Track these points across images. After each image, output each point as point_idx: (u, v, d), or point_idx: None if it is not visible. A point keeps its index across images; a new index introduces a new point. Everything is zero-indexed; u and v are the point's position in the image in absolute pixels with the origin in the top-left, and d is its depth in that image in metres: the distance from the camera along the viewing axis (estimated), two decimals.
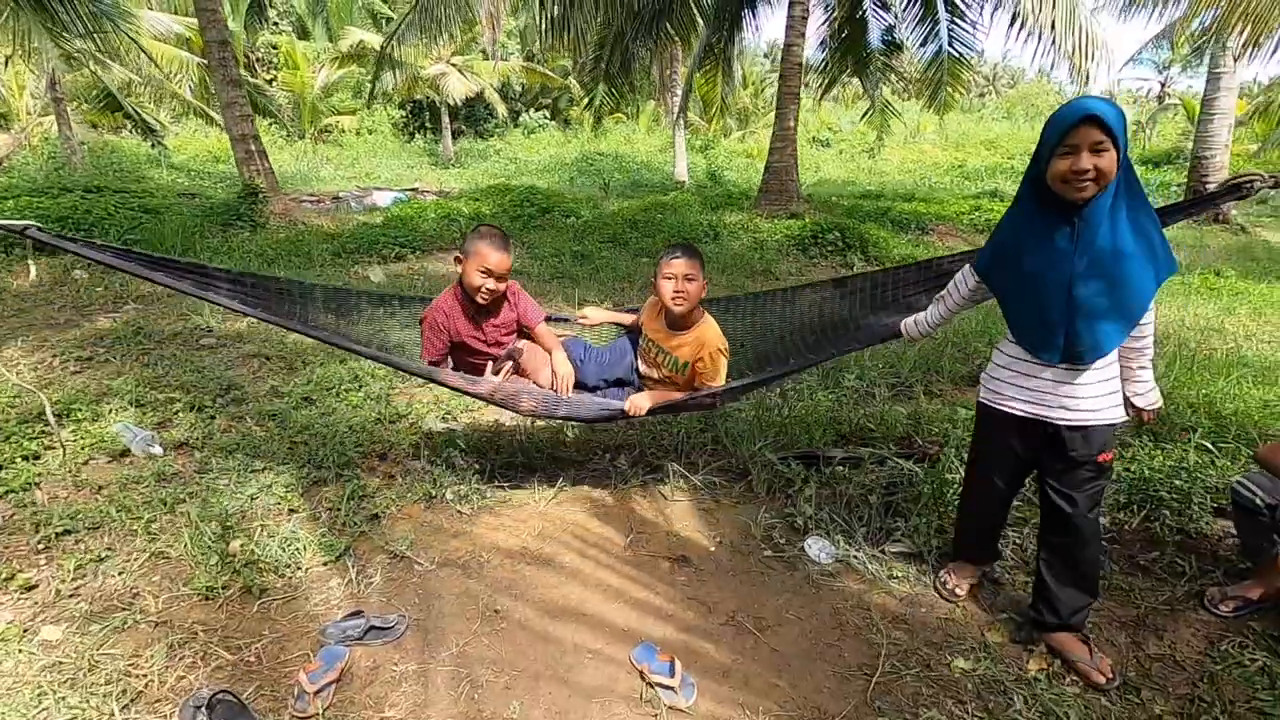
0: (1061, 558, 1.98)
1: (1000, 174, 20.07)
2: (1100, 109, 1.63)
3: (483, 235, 2.52)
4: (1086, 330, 1.76)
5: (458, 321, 2.61)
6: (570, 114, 29.75)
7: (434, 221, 8.76)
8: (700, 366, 2.58)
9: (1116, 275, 1.71)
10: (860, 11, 10.52)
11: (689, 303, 2.52)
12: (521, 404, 2.58)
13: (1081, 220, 1.71)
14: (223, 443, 3.10)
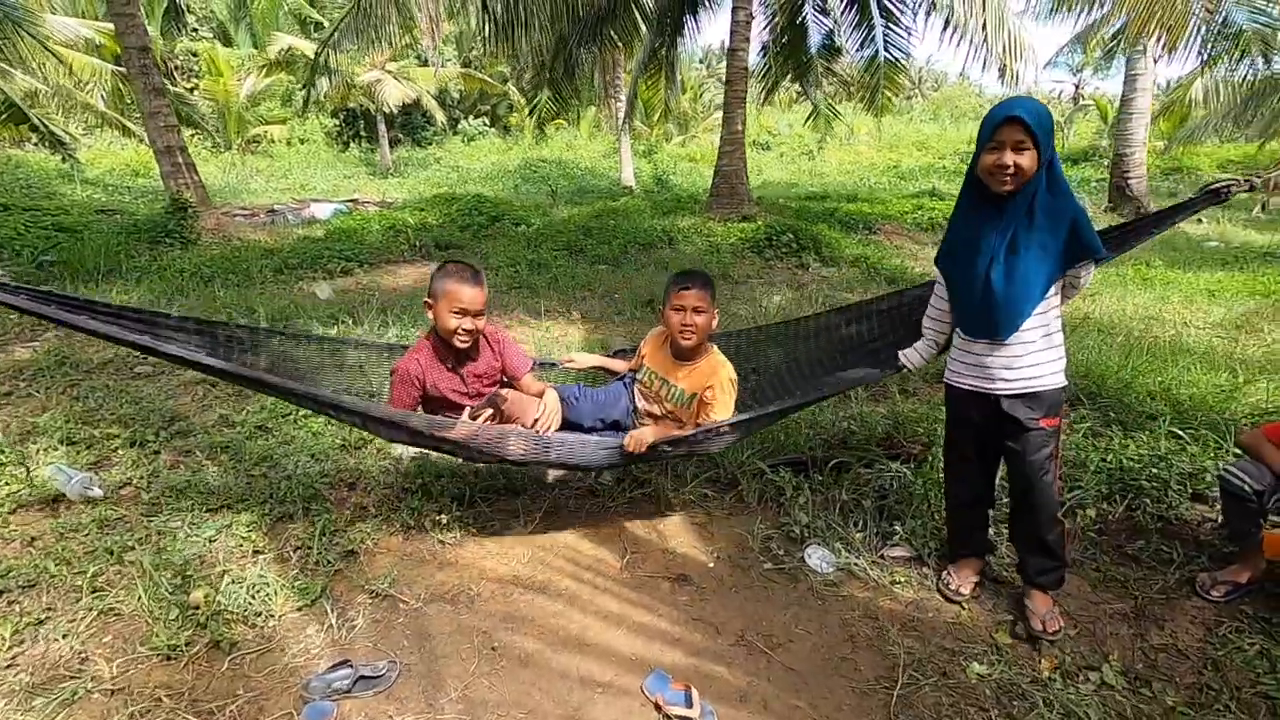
0: (1023, 524, 2.13)
1: (934, 174, 20.76)
2: (1024, 111, 1.79)
3: (450, 272, 2.27)
4: (998, 311, 1.93)
5: (433, 372, 2.35)
6: (510, 121, 29.42)
7: (379, 233, 8.44)
8: (707, 397, 2.41)
9: (1022, 262, 1.89)
10: (801, 17, 10.69)
11: (698, 336, 2.39)
12: (509, 448, 2.26)
13: (1004, 212, 1.90)
14: (171, 481, 2.85)
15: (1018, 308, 1.91)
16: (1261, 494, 2.06)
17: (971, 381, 2.07)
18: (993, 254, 1.91)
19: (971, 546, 2.32)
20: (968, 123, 37.01)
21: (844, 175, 20.49)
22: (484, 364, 2.44)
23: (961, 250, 2.01)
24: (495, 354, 2.47)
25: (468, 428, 2.23)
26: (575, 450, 2.34)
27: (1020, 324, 1.93)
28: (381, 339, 4.42)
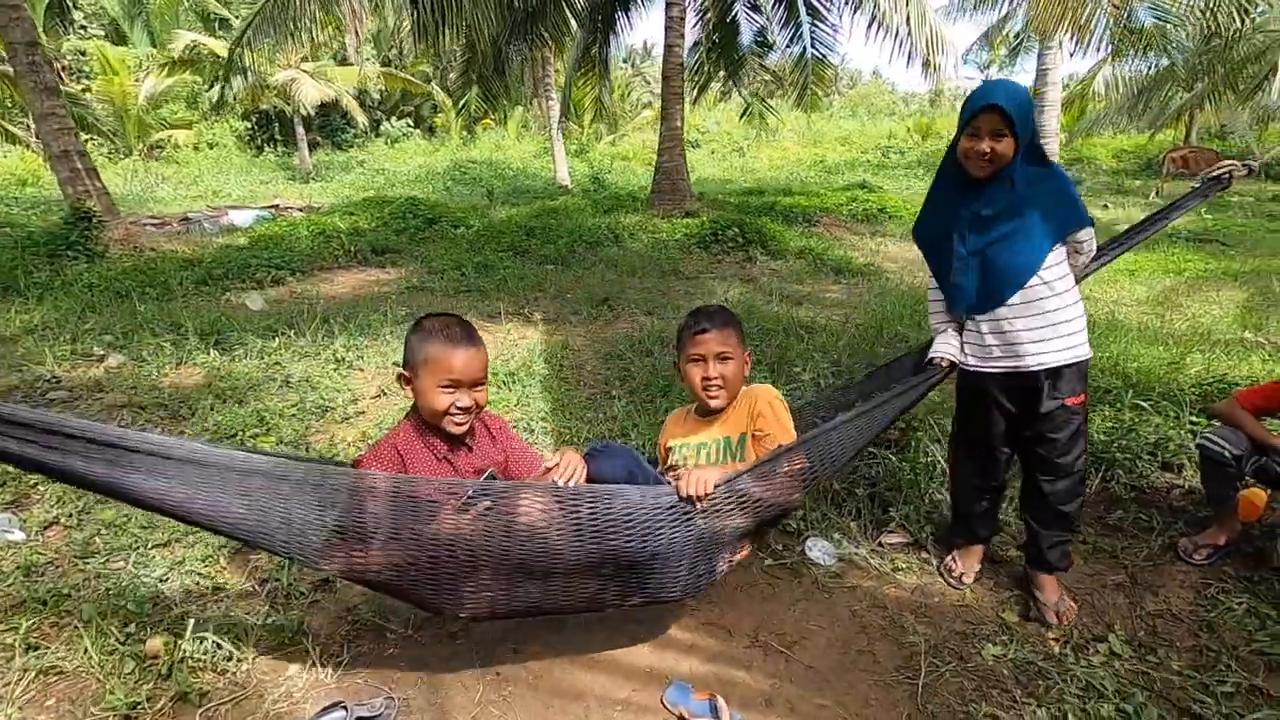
0: (1043, 502, 2.08)
1: (859, 167, 21.48)
2: (1002, 99, 1.81)
3: (432, 332, 1.68)
4: (984, 282, 1.97)
5: (419, 463, 1.70)
6: (436, 122, 28.63)
7: (309, 240, 8.02)
8: (761, 425, 1.89)
9: (1007, 230, 1.91)
10: (732, 14, 10.80)
11: (729, 391, 1.93)
12: (522, 516, 1.56)
13: (982, 194, 1.93)
14: (106, 516, 2.56)
15: (1010, 276, 1.92)
16: (1240, 459, 2.14)
17: (990, 364, 2.02)
18: (974, 227, 1.95)
19: (979, 534, 2.30)
20: (883, 119, 38.50)
21: (775, 171, 20.91)
22: (484, 455, 1.81)
23: (937, 225, 2.07)
24: (497, 445, 1.86)
25: (473, 506, 1.52)
26: (618, 504, 1.59)
27: (1013, 291, 1.92)
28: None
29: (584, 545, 1.57)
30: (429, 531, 1.52)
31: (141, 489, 1.41)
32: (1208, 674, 1.85)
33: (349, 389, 3.88)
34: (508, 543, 1.54)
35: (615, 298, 5.75)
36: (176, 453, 1.44)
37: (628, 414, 3.42)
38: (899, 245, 8.83)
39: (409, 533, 1.51)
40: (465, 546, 1.54)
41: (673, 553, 1.65)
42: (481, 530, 1.53)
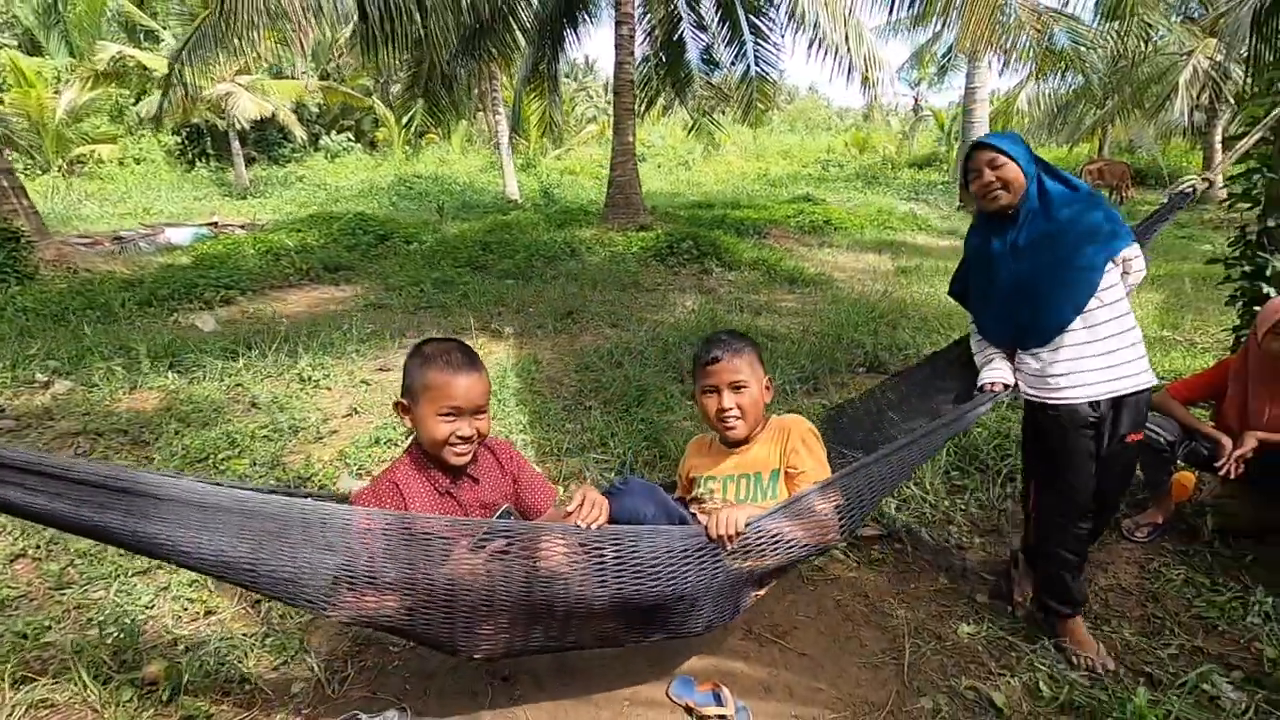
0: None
1: (801, 180, 22.11)
2: (986, 139, 1.95)
3: (430, 357, 1.60)
4: (1033, 314, 1.92)
5: (420, 498, 1.62)
6: (378, 136, 28.16)
7: (256, 258, 7.83)
8: (795, 461, 1.80)
9: (1047, 263, 1.88)
10: (679, 33, 11.08)
11: (747, 421, 1.83)
12: (543, 559, 1.47)
13: (1013, 224, 1.95)
14: (80, 546, 2.48)
15: (1060, 301, 1.87)
16: (1173, 444, 2.38)
17: (1080, 392, 1.90)
18: (1015, 257, 1.92)
19: (1080, 597, 2.05)
20: (820, 133, 39.77)
21: (721, 184, 21.34)
22: (490, 488, 1.72)
23: (976, 270, 2.07)
24: (505, 474, 1.77)
25: (488, 540, 1.46)
26: (644, 546, 1.53)
27: (1068, 318, 1.87)
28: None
29: (608, 589, 1.51)
30: (442, 574, 1.44)
31: (137, 534, 1.34)
32: (1155, 639, 2.05)
33: (318, 408, 3.83)
34: (527, 587, 1.48)
35: (579, 311, 5.82)
36: (171, 492, 1.35)
37: (605, 424, 3.50)
38: (846, 255, 9.19)
39: (421, 576, 1.43)
40: (483, 590, 1.47)
41: (699, 594, 1.60)
42: (500, 573, 1.46)
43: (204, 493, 1.38)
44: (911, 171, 24.32)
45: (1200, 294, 6.29)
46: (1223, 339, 4.51)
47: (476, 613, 1.51)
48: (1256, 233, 2.87)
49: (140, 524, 1.34)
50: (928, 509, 2.73)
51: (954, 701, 1.85)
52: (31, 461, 1.29)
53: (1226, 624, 2.09)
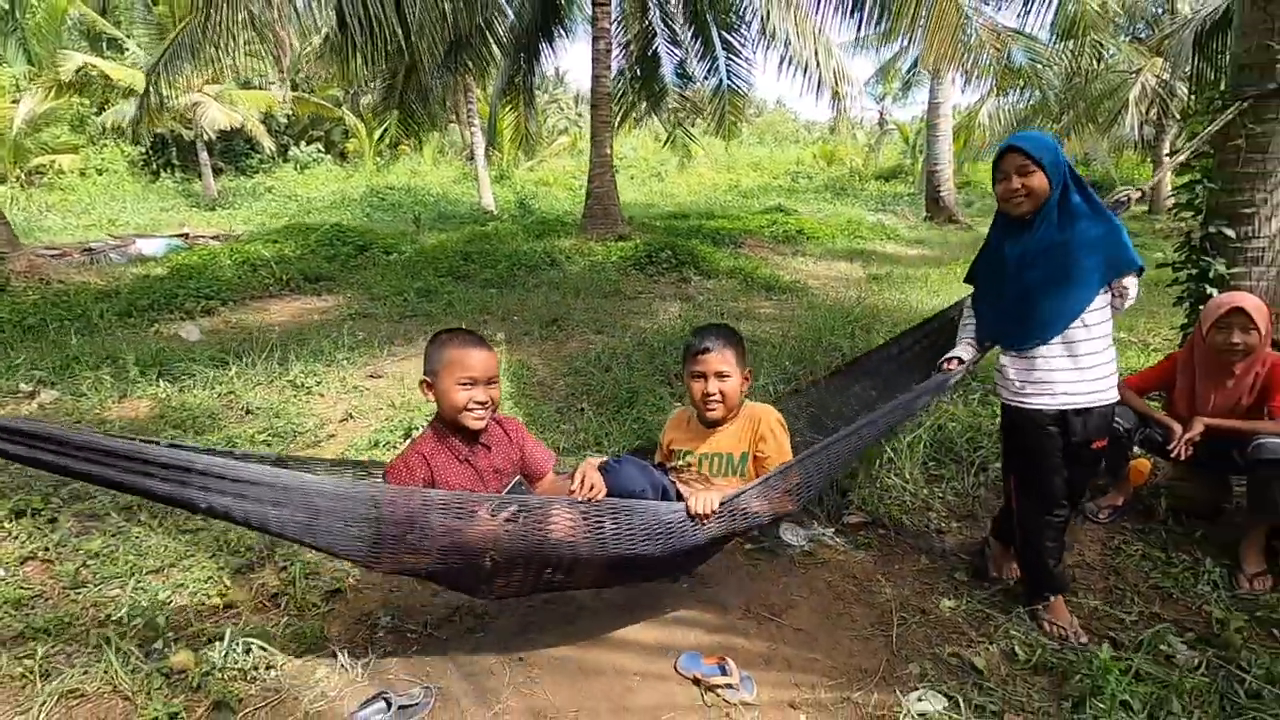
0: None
1: (772, 191, 22.57)
2: (1019, 140, 1.97)
3: (447, 340, 1.90)
4: (1023, 320, 2.03)
5: (444, 467, 1.89)
6: (348, 147, 27.95)
7: (233, 268, 7.79)
8: (762, 449, 2.10)
9: (1053, 272, 1.97)
10: (654, 48, 11.32)
11: (726, 407, 2.09)
12: (553, 527, 1.74)
13: (1029, 233, 2.02)
14: (91, 547, 2.53)
15: (1053, 318, 1.98)
16: (1131, 431, 2.59)
17: (1020, 399, 2.07)
18: (1022, 266, 2.01)
19: (1063, 581, 2.22)
20: (789, 145, 40.49)
21: (694, 195, 21.65)
22: (501, 456, 2.00)
23: (988, 266, 2.18)
24: (513, 444, 2.05)
25: (501, 515, 1.72)
26: (636, 519, 1.79)
27: (1052, 333, 1.98)
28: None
29: (606, 551, 1.79)
30: (467, 537, 1.71)
31: (213, 505, 1.62)
32: (1118, 608, 2.24)
33: (314, 414, 3.90)
34: (539, 549, 1.76)
35: (563, 318, 5.94)
36: (243, 475, 1.65)
37: (599, 424, 3.62)
38: (819, 264, 9.47)
39: (449, 539, 1.70)
40: (503, 551, 1.74)
41: (678, 553, 1.90)
42: (516, 539, 1.73)
43: (273, 475, 1.69)
44: (878, 183, 24.97)
45: (1152, 298, 6.62)
46: (1173, 338, 4.82)
47: (496, 567, 1.79)
48: (1200, 238, 3.13)
49: (218, 499, 1.63)
50: (908, 497, 2.90)
51: (939, 666, 2.01)
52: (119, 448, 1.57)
53: (1180, 592, 2.29)
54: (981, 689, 1.89)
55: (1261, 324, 2.29)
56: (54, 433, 1.54)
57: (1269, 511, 2.30)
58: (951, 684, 1.91)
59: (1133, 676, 1.86)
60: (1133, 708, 1.78)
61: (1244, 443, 2.33)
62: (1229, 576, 2.32)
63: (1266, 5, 2.83)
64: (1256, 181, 2.96)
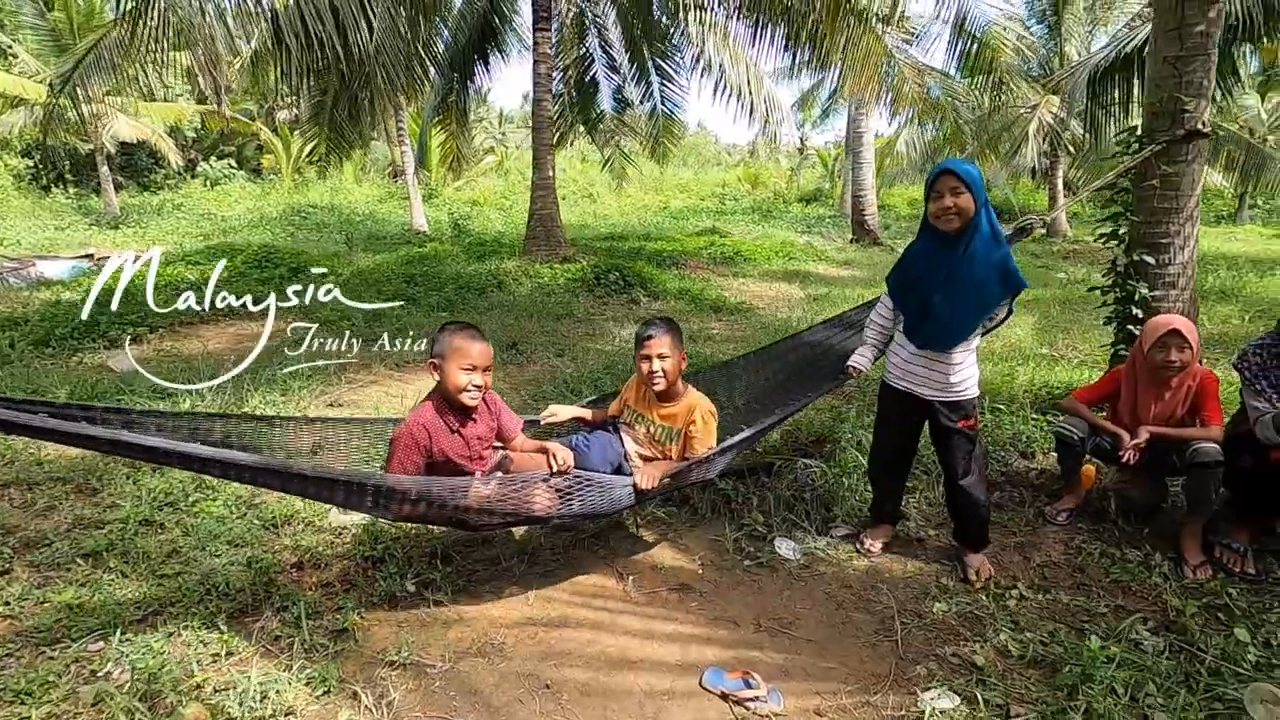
0: (956, 503, 2.63)
1: (701, 213, 23.11)
2: (954, 165, 2.34)
3: (454, 330, 2.34)
4: (944, 328, 2.42)
5: (440, 436, 2.32)
6: (264, 163, 26.75)
7: (158, 292, 7.32)
8: (692, 430, 2.60)
9: (962, 291, 2.36)
10: (592, 74, 11.50)
11: (667, 381, 2.57)
12: (535, 503, 2.26)
13: (951, 248, 2.37)
14: (64, 597, 2.35)
15: (958, 326, 2.38)
16: (1083, 440, 2.86)
17: (907, 384, 2.56)
18: (941, 282, 2.37)
19: (885, 515, 2.86)
20: (711, 168, 41.63)
21: (626, 216, 21.89)
22: (483, 425, 2.45)
23: (911, 276, 2.51)
24: (492, 415, 2.50)
25: (487, 487, 2.22)
26: (598, 494, 2.37)
27: (961, 340, 2.39)
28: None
29: (575, 514, 2.38)
30: (463, 503, 2.19)
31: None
32: (1086, 601, 2.47)
33: (277, 446, 3.73)
34: (522, 511, 2.28)
35: (522, 341, 5.93)
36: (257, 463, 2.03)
37: None
38: (759, 285, 9.80)
39: (451, 503, 2.18)
40: (492, 512, 2.24)
41: (628, 507, 2.58)
42: (506, 506, 2.25)
43: (281, 465, 2.07)
44: (801, 206, 26.03)
45: (1065, 316, 7.28)
46: (1099, 353, 5.31)
47: (486, 518, 2.27)
48: (1124, 265, 3.50)
49: (240, 474, 2.03)
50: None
51: (943, 666, 2.15)
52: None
53: (1137, 584, 2.54)
54: (985, 684, 2.05)
55: (1193, 342, 2.60)
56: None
57: (1205, 508, 2.60)
58: (958, 682, 2.06)
59: (1116, 665, 2.06)
60: (1117, 692, 1.97)
61: (1182, 448, 2.62)
62: (1175, 568, 2.60)
63: (1175, 62, 3.24)
64: (1171, 215, 3.35)
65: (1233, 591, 2.44)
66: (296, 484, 2.06)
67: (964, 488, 2.56)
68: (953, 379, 2.46)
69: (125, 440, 1.85)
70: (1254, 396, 2.58)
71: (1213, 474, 2.55)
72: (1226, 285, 8.72)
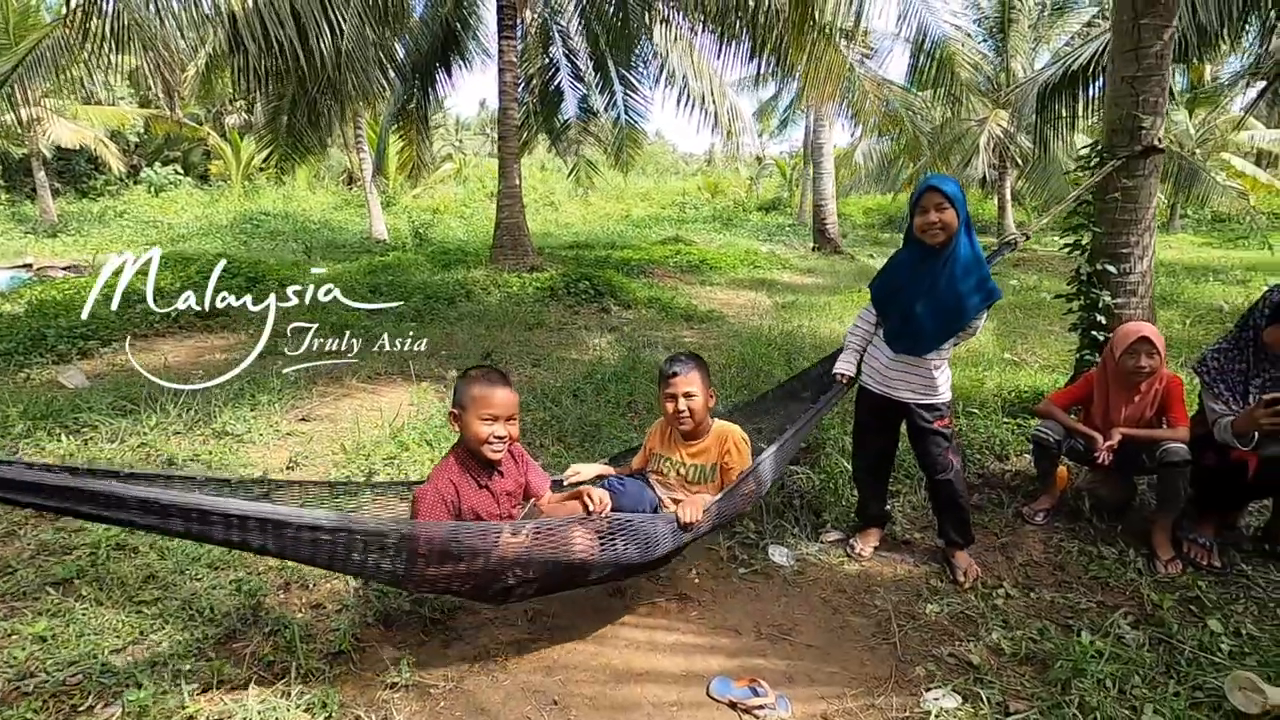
0: (939, 500, 2.74)
1: (663, 222, 23.29)
2: (939, 182, 2.44)
3: (475, 378, 2.13)
4: (923, 334, 2.52)
5: (467, 492, 2.12)
6: (212, 169, 25.91)
7: (105, 304, 7.04)
8: (728, 461, 2.47)
9: (943, 301, 2.47)
10: (557, 82, 11.50)
11: (694, 420, 2.44)
12: (575, 545, 2.01)
13: (935, 260, 2.47)
14: (31, 630, 2.22)
15: (937, 333, 2.50)
16: (1059, 442, 2.98)
17: (885, 388, 2.65)
18: (924, 292, 2.47)
19: (872, 517, 2.93)
20: (669, 176, 42.00)
21: (588, 225, 21.93)
22: (511, 479, 2.25)
23: (894, 286, 2.60)
24: (520, 469, 2.30)
25: (528, 534, 1.95)
26: (641, 532, 2.12)
27: (931, 349, 2.51)
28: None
29: (617, 562, 2.10)
30: (495, 556, 1.91)
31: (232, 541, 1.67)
32: (1069, 598, 2.56)
33: (253, 463, 3.62)
34: (564, 563, 2.03)
35: (496, 352, 5.87)
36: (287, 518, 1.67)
37: (566, 459, 3.62)
38: (727, 292, 9.92)
39: (478, 560, 1.91)
40: (527, 568, 1.98)
41: (669, 554, 2.27)
42: (545, 557, 1.99)
43: (289, 514, 1.69)
44: (760, 214, 26.46)
45: (1023, 322, 7.56)
46: (1058, 358, 5.54)
47: (520, 581, 2.02)
48: (1088, 274, 3.66)
49: (241, 535, 1.64)
50: None
51: (940, 666, 2.21)
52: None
53: (1115, 580, 2.65)
54: (982, 683, 2.11)
55: (1160, 348, 2.74)
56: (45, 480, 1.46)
57: (1175, 505, 2.74)
58: (957, 681, 2.12)
59: (1104, 659, 2.14)
60: (1106, 685, 2.06)
61: (1152, 448, 2.75)
62: (1148, 563, 2.72)
63: (1133, 82, 3.41)
64: (1131, 227, 3.52)
65: (1203, 584, 2.57)
66: (306, 544, 1.70)
67: (946, 482, 2.66)
68: (929, 382, 2.57)
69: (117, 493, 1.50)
70: (1213, 399, 2.73)
71: (1182, 472, 2.68)
72: (1166, 291, 9.18)
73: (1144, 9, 3.35)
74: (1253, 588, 2.59)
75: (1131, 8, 3.39)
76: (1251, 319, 2.65)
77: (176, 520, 1.54)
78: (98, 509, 1.49)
